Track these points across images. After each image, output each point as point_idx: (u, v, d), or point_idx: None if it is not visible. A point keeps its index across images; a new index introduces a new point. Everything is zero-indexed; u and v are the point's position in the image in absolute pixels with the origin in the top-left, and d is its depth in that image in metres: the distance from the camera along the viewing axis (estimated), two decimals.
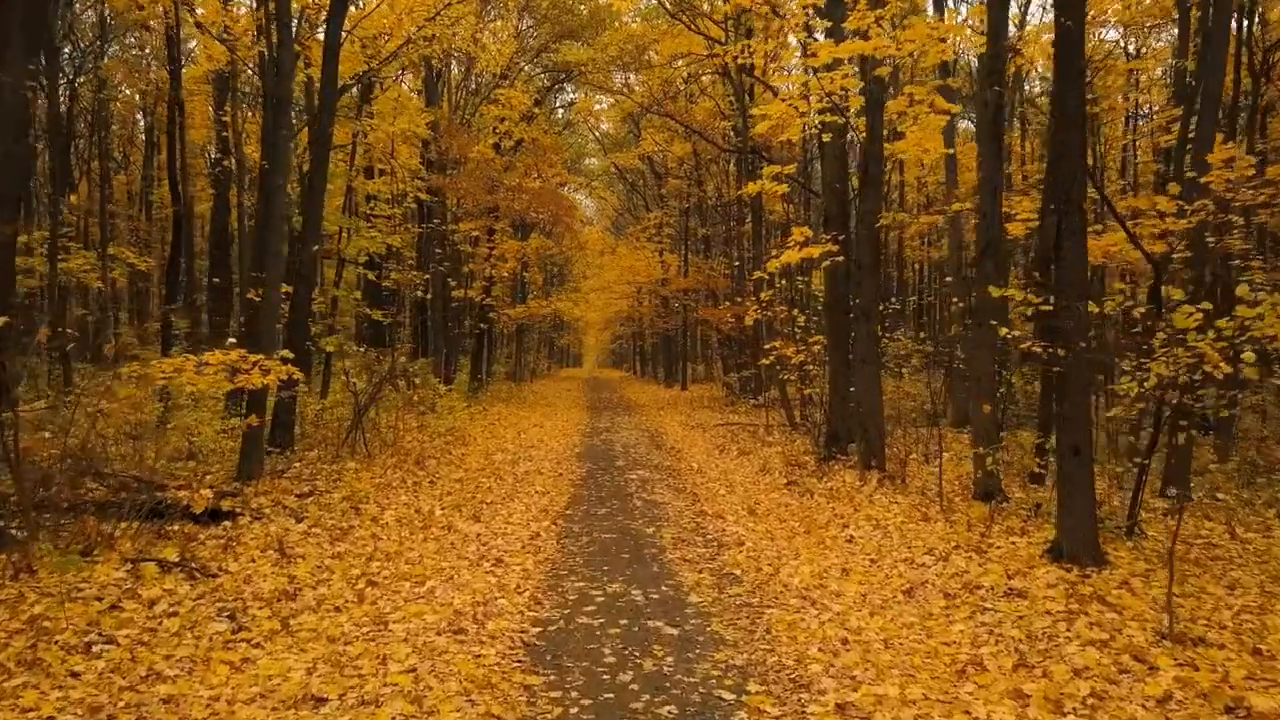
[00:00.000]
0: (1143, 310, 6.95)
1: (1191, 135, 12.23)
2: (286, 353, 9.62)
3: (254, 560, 6.96)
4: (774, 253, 11.14)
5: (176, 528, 7.61)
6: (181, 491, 8.10)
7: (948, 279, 18.18)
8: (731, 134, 25.66)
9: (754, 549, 7.83)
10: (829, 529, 8.59)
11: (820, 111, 11.49)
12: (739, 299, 22.44)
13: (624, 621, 5.82)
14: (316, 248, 12.20)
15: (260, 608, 5.83)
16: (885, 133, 11.64)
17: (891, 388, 17.23)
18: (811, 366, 13.76)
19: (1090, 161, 22.72)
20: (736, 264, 26.56)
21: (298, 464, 10.97)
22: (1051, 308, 7.21)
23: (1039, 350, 8.87)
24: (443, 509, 9.56)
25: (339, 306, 18.08)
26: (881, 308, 13.26)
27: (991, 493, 9.23)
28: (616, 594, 6.45)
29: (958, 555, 7.10)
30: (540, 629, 5.68)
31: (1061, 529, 6.59)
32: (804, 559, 7.44)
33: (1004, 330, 8.62)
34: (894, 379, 19.52)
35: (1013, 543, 7.33)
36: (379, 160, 22.33)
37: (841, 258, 10.93)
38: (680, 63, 24.81)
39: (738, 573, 7.08)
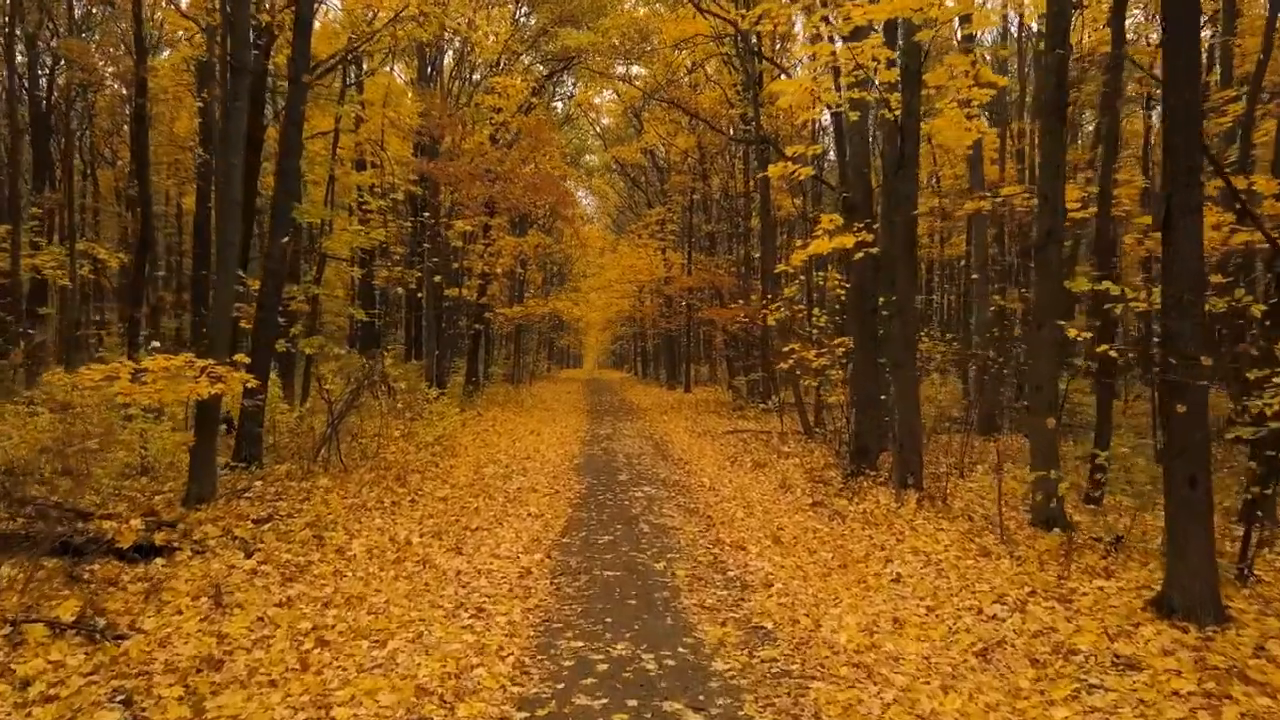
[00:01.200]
0: (1265, 308, 5.71)
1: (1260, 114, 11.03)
2: (242, 357, 8.39)
3: (180, 612, 5.72)
4: (799, 244, 9.93)
5: (96, 568, 6.39)
6: (107, 522, 6.87)
7: (973, 276, 16.94)
8: (740, 123, 24.42)
9: (785, 591, 6.58)
10: (869, 564, 7.35)
11: (847, 86, 10.26)
12: (751, 297, 21.22)
13: (633, 702, 4.59)
14: (287, 239, 10.97)
15: (171, 684, 4.59)
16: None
17: None
18: (833, 370, 12.53)
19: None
20: (757, 259, 25.29)
21: (259, 482, 9.73)
22: (1145, 304, 5.96)
23: (1115, 355, 7.66)
24: (421, 537, 8.33)
25: (320, 305, 16.79)
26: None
27: (1054, 520, 8.00)
28: (622, 658, 5.21)
29: (1036, 604, 5.86)
30: (526, 714, 4.44)
31: (1173, 577, 5.35)
32: (846, 605, 6.20)
33: (1073, 331, 7.38)
34: None
35: (1100, 588, 6.09)
36: (369, 152, 21.12)
37: (877, 249, 9.70)
38: (685, 51, 23.64)
39: (769, 625, 5.84)
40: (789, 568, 7.30)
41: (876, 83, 10.38)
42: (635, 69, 27.83)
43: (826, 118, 28.75)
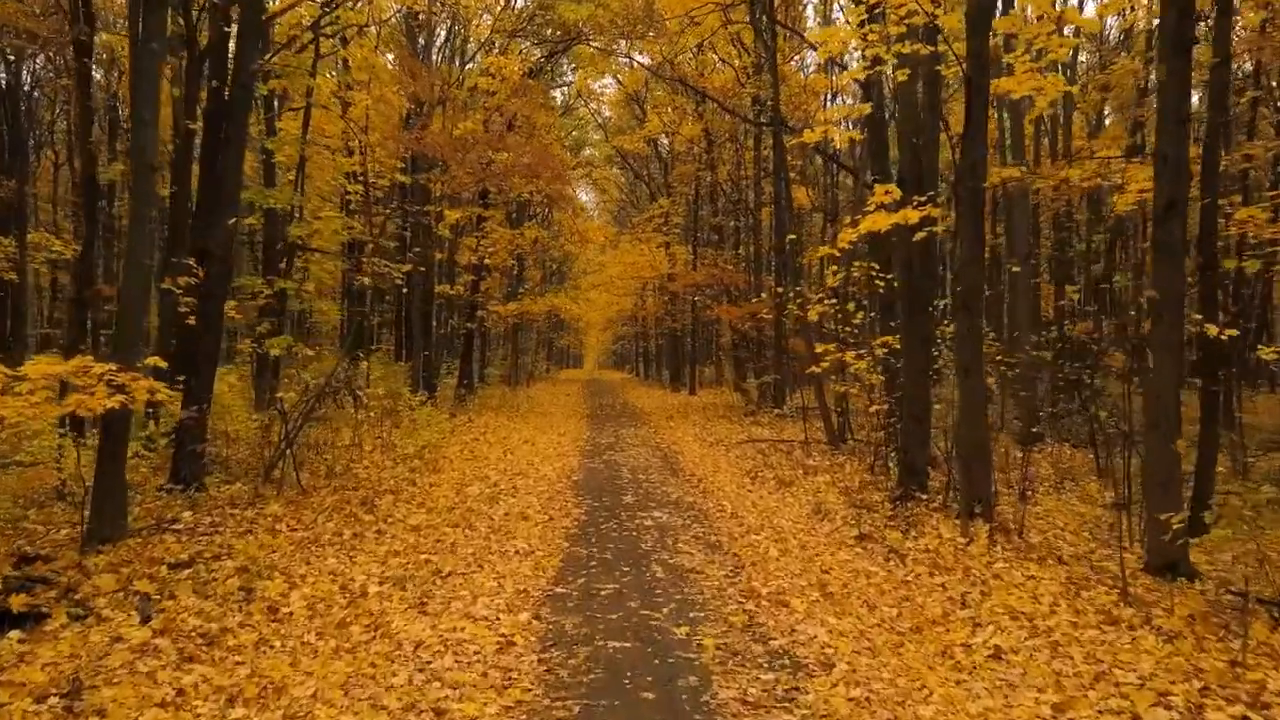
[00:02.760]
0: None
1: None
2: (156, 360, 6.73)
3: None
4: (847, 221, 8.27)
5: None
6: None
7: (1014, 268, 15.26)
8: (752, 105, 22.78)
9: (852, 675, 4.91)
10: (951, 628, 5.68)
11: (895, 39, 8.61)
12: (768, 291, 19.59)
13: None
14: (233, 220, 9.31)
15: None
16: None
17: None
18: (871, 375, 10.88)
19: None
20: (769, 252, 23.59)
21: (189, 512, 8.06)
22: None
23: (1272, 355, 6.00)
24: (381, 585, 6.66)
25: (287, 300, 15.05)
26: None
27: (1177, 565, 6.35)
28: None
29: (1217, 710, 4.20)
30: None
31: None
32: (940, 700, 4.54)
33: (1213, 329, 5.72)
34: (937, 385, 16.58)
35: None
36: (353, 136, 19.46)
37: (940, 227, 8.03)
38: (691, 31, 22.02)
39: None
40: (849, 634, 5.63)
41: (922, 31, 8.73)
42: (638, 56, 26.21)
43: (839, 105, 27.12)
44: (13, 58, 26.14)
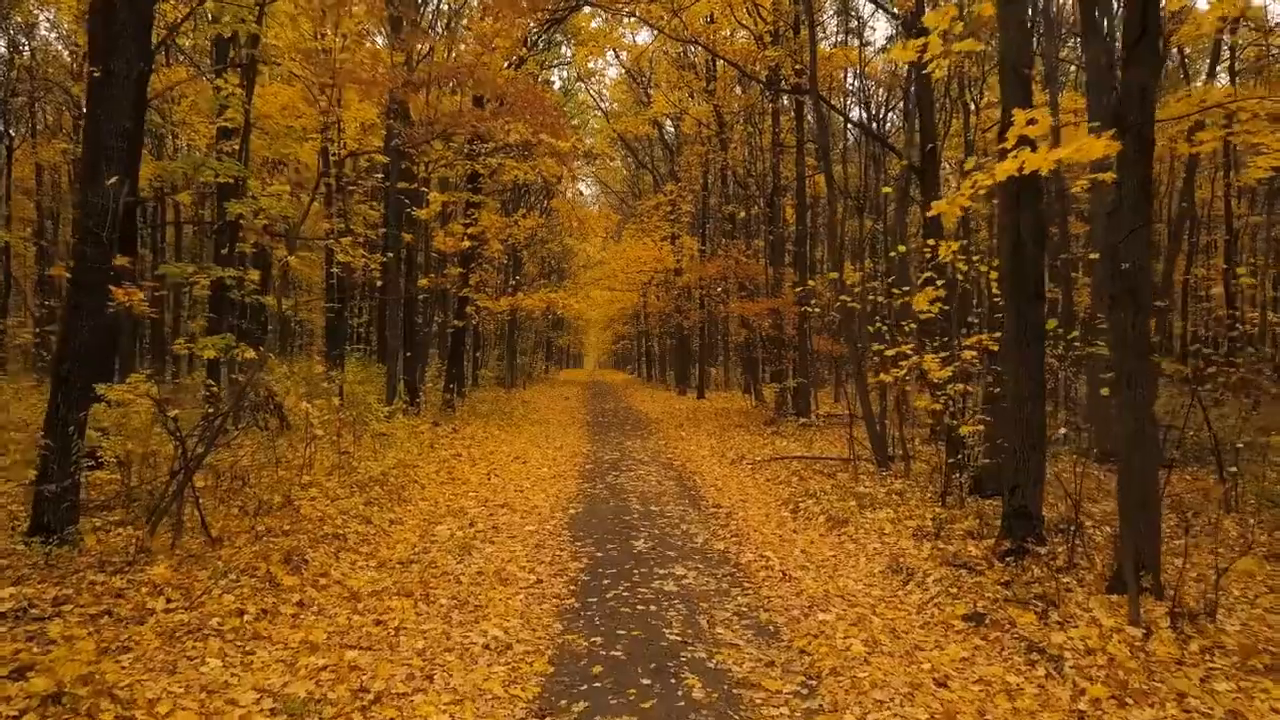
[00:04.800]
0: None
1: None
2: None
3: None
4: (971, 168, 5.84)
5: None
6: None
7: (1092, 256, 12.86)
8: (768, 79, 20.42)
9: None
10: None
11: None
12: (782, 286, 17.23)
13: None
14: (116, 177, 6.94)
15: None
16: None
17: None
18: (954, 385, 8.50)
19: None
20: (789, 246, 21.14)
21: (15, 587, 5.67)
22: None
23: None
24: (272, 716, 4.30)
25: (239, 291, 12.57)
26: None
27: None
28: None
29: None
30: None
31: None
32: None
33: None
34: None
35: None
36: (328, 105, 17.12)
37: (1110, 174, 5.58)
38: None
39: None
40: None
41: None
42: (644, 29, 23.84)
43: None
44: None
